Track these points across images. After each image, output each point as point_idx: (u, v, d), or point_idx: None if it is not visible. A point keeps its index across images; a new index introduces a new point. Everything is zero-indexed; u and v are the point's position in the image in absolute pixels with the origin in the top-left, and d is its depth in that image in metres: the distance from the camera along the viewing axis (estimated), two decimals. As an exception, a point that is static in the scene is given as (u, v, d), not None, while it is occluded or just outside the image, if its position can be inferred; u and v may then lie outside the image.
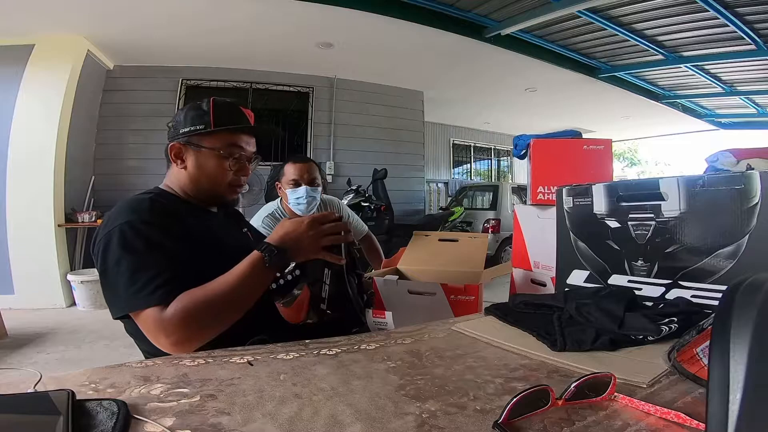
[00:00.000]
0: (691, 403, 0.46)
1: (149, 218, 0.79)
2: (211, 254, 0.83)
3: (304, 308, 0.97)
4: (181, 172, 0.91)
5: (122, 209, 0.81)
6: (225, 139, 0.90)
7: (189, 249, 0.80)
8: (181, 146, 0.90)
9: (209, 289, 0.74)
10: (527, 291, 1.20)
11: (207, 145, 0.89)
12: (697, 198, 0.74)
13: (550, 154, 1.20)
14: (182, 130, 0.89)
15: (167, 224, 0.81)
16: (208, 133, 0.88)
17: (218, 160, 0.90)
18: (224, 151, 0.89)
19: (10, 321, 3.05)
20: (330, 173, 5.37)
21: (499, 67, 4.98)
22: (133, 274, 0.73)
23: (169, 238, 0.79)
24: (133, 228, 0.77)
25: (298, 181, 1.63)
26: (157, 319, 0.70)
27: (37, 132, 3.75)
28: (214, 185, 0.91)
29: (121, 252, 0.75)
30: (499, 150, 9.63)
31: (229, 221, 1.05)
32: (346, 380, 0.54)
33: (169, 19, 3.74)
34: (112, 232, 0.77)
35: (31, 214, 3.75)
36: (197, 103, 0.91)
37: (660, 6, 3.62)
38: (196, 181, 0.91)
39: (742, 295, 0.35)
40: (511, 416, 0.42)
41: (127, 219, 0.78)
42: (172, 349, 0.70)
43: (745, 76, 5.24)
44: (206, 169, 0.90)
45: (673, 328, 0.64)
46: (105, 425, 0.41)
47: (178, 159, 0.90)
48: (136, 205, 0.81)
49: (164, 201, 0.86)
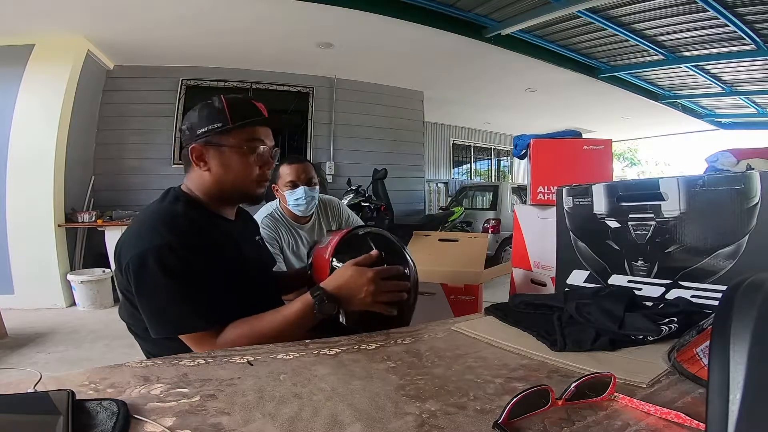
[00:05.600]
0: (691, 403, 0.46)
1: (188, 241, 0.78)
2: (235, 267, 0.86)
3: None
4: (204, 175, 0.88)
5: (156, 226, 0.79)
6: (245, 134, 0.87)
7: (222, 267, 0.82)
8: (201, 148, 0.86)
9: (259, 326, 0.78)
10: (527, 291, 1.20)
11: (228, 143, 0.86)
12: (697, 198, 0.74)
13: (550, 154, 1.20)
14: (199, 131, 0.86)
15: (203, 245, 0.81)
16: (227, 131, 0.86)
17: (242, 157, 0.87)
18: (247, 146, 0.87)
19: (10, 321, 3.05)
20: (330, 173, 5.37)
21: (499, 67, 4.97)
22: (184, 300, 0.76)
23: (208, 260, 0.80)
24: (173, 251, 0.76)
25: (295, 182, 1.62)
26: (210, 343, 0.76)
27: (37, 132, 3.75)
28: (241, 183, 0.89)
29: (163, 275, 0.75)
30: (499, 150, 9.63)
31: (246, 230, 1.04)
32: (346, 380, 0.54)
33: (169, 19, 3.74)
34: (149, 253, 0.75)
35: (31, 214, 3.75)
36: (208, 102, 0.88)
37: (660, 6, 3.62)
38: (222, 181, 0.88)
39: (742, 295, 0.35)
40: (511, 416, 0.42)
41: (166, 241, 0.76)
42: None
43: (745, 76, 5.23)
44: (231, 167, 0.87)
45: (673, 328, 0.64)
46: (105, 425, 0.41)
47: (201, 161, 0.87)
48: (171, 224, 0.80)
49: (194, 214, 0.85)
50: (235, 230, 0.95)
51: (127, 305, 0.83)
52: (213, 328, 0.76)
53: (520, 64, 4.76)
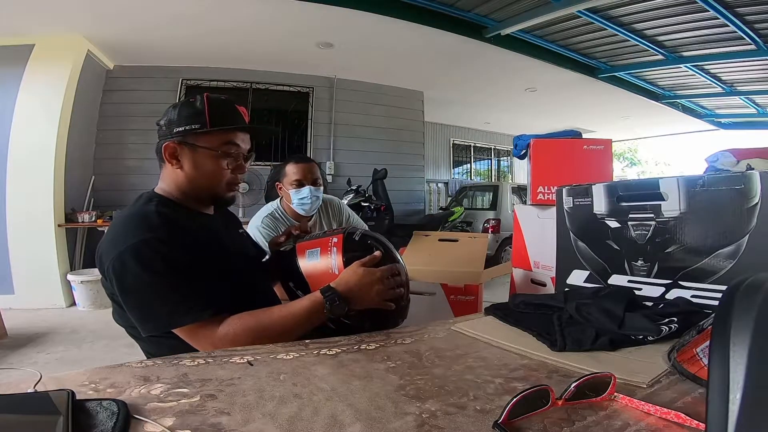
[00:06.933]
0: (691, 403, 0.46)
1: (164, 236, 0.78)
2: (217, 259, 0.85)
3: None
4: (177, 173, 0.89)
5: (130, 226, 0.79)
6: (221, 137, 0.88)
7: (204, 258, 0.81)
8: (176, 146, 0.87)
9: (266, 320, 0.78)
10: (527, 291, 1.20)
11: (203, 144, 0.87)
12: (697, 198, 0.74)
13: (550, 154, 1.20)
14: (176, 129, 0.86)
15: (181, 239, 0.80)
16: (204, 133, 0.86)
17: (215, 160, 0.88)
18: (221, 150, 0.88)
19: (10, 321, 3.05)
20: (330, 173, 5.37)
21: (499, 67, 4.97)
22: (169, 294, 0.75)
23: (188, 252, 0.79)
24: (150, 247, 0.76)
25: (301, 182, 1.63)
26: (209, 336, 0.75)
27: (37, 132, 3.75)
28: (212, 185, 0.90)
29: (143, 272, 0.74)
30: (499, 150, 9.63)
31: (227, 223, 1.04)
32: (346, 380, 0.54)
33: (169, 19, 3.74)
34: (127, 252, 0.75)
35: (31, 214, 3.75)
36: (190, 101, 0.89)
37: (660, 6, 3.62)
38: (194, 181, 0.89)
39: (742, 295, 0.35)
40: (511, 416, 0.42)
41: (143, 237, 0.76)
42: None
43: (745, 76, 5.23)
44: (204, 168, 0.88)
45: (673, 328, 0.64)
46: (105, 425, 0.41)
47: (173, 159, 0.88)
48: (146, 222, 0.79)
49: (167, 211, 0.85)
50: (213, 224, 0.94)
51: (118, 309, 0.83)
52: (203, 319, 0.75)
53: (520, 64, 4.76)
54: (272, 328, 0.76)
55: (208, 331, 0.75)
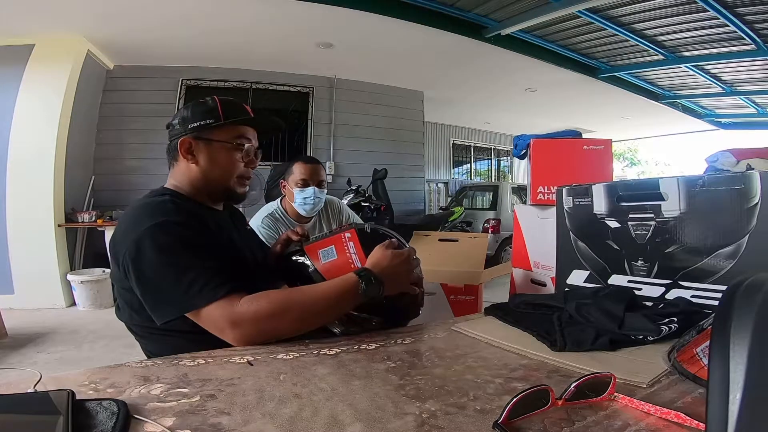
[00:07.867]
0: (691, 403, 0.46)
1: (179, 218, 0.79)
2: (230, 249, 0.87)
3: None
4: (191, 168, 0.91)
5: (143, 214, 0.80)
6: (234, 131, 0.92)
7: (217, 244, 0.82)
8: (191, 141, 0.90)
9: (293, 295, 0.76)
10: (527, 291, 1.20)
11: (218, 138, 0.91)
12: (697, 198, 0.74)
13: (550, 154, 1.20)
14: (191, 125, 0.90)
15: (196, 223, 0.82)
16: (218, 127, 0.90)
17: (229, 152, 0.91)
18: (235, 142, 0.91)
19: (10, 321, 3.05)
20: (330, 173, 5.36)
21: (499, 67, 4.98)
22: (184, 273, 0.73)
23: (203, 236, 0.80)
24: (165, 229, 0.76)
25: (306, 182, 1.65)
26: (226, 313, 0.71)
27: (37, 132, 3.75)
28: (225, 177, 0.92)
29: (161, 254, 0.74)
30: (499, 150, 9.63)
31: (234, 219, 1.06)
32: (346, 380, 0.54)
33: (169, 19, 3.74)
34: (144, 236, 0.75)
35: (31, 214, 3.75)
36: (201, 101, 0.93)
37: (660, 6, 3.62)
38: (208, 174, 0.91)
39: (742, 295, 0.35)
40: (511, 416, 0.42)
41: (157, 221, 0.77)
42: (237, 342, 0.71)
43: (745, 76, 5.23)
44: (218, 161, 0.91)
45: (673, 328, 0.64)
46: (105, 425, 0.41)
47: (189, 154, 0.90)
48: (160, 208, 0.81)
49: (180, 203, 0.86)
50: (222, 218, 0.97)
51: (124, 305, 0.83)
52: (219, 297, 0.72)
53: (520, 64, 4.76)
54: (302, 305, 0.74)
55: (225, 309, 0.71)
